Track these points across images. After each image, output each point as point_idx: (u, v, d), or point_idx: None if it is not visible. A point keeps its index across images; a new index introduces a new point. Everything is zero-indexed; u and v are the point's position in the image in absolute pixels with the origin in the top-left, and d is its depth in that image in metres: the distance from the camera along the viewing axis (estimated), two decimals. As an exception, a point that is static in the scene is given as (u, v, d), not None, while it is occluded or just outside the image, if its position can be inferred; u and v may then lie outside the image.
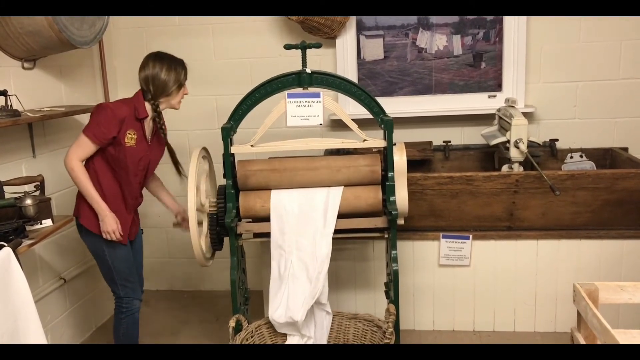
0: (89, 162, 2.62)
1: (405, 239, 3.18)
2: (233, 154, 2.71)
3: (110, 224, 2.59)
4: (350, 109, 3.52)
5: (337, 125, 3.68)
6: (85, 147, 2.55)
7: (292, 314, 2.57)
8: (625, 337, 1.80)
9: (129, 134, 2.59)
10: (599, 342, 1.91)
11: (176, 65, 2.68)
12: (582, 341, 2.12)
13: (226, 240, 2.86)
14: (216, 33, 3.76)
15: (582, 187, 3.03)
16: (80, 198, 2.64)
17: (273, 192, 2.72)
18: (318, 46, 2.75)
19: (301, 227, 2.67)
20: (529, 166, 3.16)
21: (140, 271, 2.94)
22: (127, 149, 2.59)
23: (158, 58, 2.67)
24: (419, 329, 3.31)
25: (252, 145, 2.70)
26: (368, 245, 3.25)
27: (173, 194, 3.05)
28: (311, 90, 2.69)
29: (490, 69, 3.62)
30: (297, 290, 2.60)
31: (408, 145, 2.93)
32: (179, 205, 2.99)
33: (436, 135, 3.64)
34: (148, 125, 2.69)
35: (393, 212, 2.59)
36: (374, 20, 3.63)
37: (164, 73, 2.63)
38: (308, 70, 2.68)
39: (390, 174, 2.67)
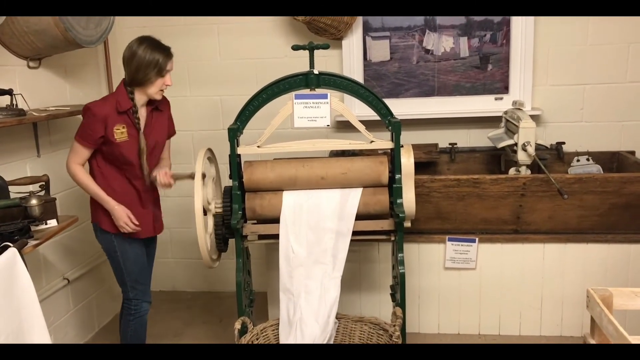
0: (93, 165, 2.60)
1: (411, 241, 3.16)
2: (239, 155, 2.69)
3: (121, 216, 2.56)
4: (356, 110, 3.50)
5: (343, 126, 3.66)
6: (79, 151, 2.52)
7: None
8: None
9: (117, 129, 2.50)
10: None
11: (153, 50, 2.48)
12: (594, 347, 2.10)
13: (231, 241, 2.85)
14: (222, 33, 3.74)
15: (589, 190, 3.01)
16: (94, 203, 2.63)
17: (283, 195, 2.70)
18: (326, 47, 2.73)
19: (309, 270, 2.63)
20: (535, 169, 3.14)
21: (149, 276, 2.91)
22: (120, 144, 2.52)
23: (137, 41, 2.50)
24: (424, 332, 3.29)
25: (258, 146, 2.69)
26: (373, 248, 3.23)
27: (180, 195, 3.01)
28: (318, 91, 2.67)
29: (496, 71, 3.60)
30: (306, 336, 2.56)
31: (414, 147, 2.90)
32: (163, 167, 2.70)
33: (442, 138, 3.62)
34: (140, 112, 2.56)
35: (400, 215, 2.57)
36: (381, 22, 3.62)
37: (136, 58, 2.46)
38: (315, 71, 2.66)
39: (397, 176, 2.66)
